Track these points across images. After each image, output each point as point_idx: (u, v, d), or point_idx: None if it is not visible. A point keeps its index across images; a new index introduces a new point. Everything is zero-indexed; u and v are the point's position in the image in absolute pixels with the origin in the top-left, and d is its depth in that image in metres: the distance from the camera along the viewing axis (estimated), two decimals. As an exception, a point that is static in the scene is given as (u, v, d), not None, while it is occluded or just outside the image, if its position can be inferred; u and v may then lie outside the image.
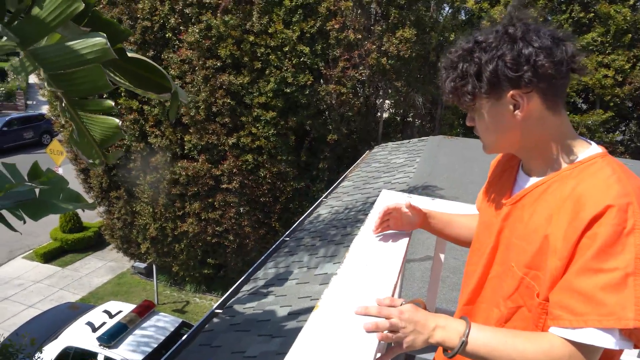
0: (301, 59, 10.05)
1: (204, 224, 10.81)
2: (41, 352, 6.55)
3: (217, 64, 9.81)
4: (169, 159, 10.47)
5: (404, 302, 1.16)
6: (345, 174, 8.50)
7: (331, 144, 11.05)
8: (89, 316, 8.16)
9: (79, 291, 11.92)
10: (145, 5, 9.89)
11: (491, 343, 1.07)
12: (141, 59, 2.23)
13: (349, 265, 1.43)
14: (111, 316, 8.06)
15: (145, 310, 8.08)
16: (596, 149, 1.14)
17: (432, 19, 11.97)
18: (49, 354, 7.33)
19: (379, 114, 13.03)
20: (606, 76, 12.02)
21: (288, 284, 4.53)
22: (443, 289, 3.40)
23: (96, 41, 1.66)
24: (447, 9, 13.11)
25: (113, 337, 7.36)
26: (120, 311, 8.24)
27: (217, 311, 4.55)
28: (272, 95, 10.01)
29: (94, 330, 7.63)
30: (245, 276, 5.15)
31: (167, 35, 10.10)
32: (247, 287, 4.90)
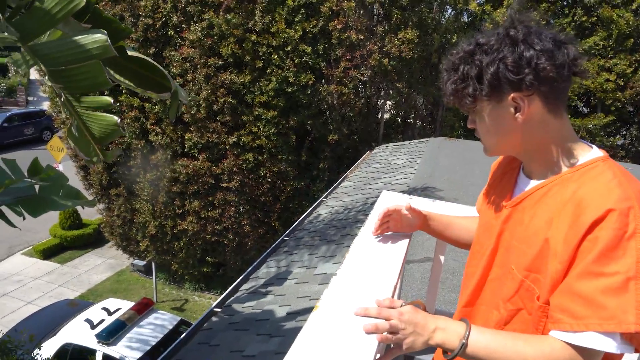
0: (303, 59, 10.05)
1: (203, 222, 10.81)
2: (40, 349, 6.55)
3: (219, 63, 9.81)
4: (169, 157, 10.47)
5: (404, 304, 1.16)
6: (345, 174, 8.49)
7: (332, 144, 11.05)
8: (87, 313, 8.18)
9: (78, 288, 11.92)
10: (147, 2, 9.89)
11: (491, 345, 1.07)
12: (141, 57, 2.23)
13: (348, 266, 1.43)
14: (110, 313, 8.06)
15: (144, 308, 8.08)
16: (597, 152, 1.14)
17: (435, 20, 11.96)
18: (47, 350, 7.33)
19: (380, 115, 13.02)
20: (608, 80, 12.01)
21: (287, 283, 4.53)
22: (442, 291, 3.39)
23: (97, 38, 1.65)
24: (449, 10, 13.10)
25: (112, 334, 7.35)
26: (119, 308, 8.24)
27: (216, 310, 4.55)
28: (273, 95, 10.01)
29: (93, 327, 7.63)
30: (244, 275, 5.14)
31: (169, 33, 10.10)
32: (246, 286, 4.90)
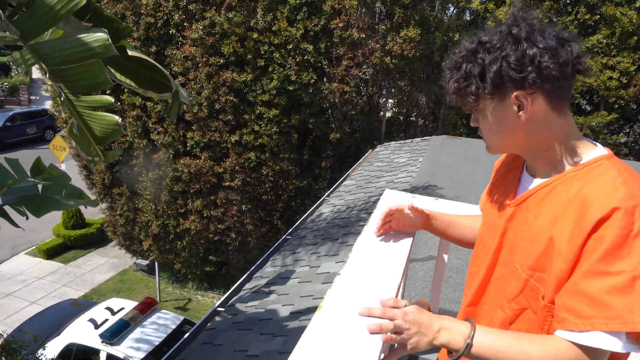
0: (305, 57, 10.05)
1: (206, 221, 10.82)
2: (44, 349, 6.55)
3: (221, 61, 9.81)
4: (172, 156, 10.47)
5: (408, 304, 1.16)
6: (347, 173, 8.48)
7: (334, 142, 11.05)
8: (91, 313, 8.19)
9: (82, 288, 11.95)
10: (149, 1, 9.89)
11: (496, 345, 1.06)
12: (142, 57, 2.22)
13: (352, 265, 1.42)
14: (113, 313, 8.08)
15: (148, 308, 8.09)
16: (602, 150, 1.13)
17: (437, 18, 11.95)
18: (51, 350, 7.34)
19: (382, 113, 13.01)
20: (611, 78, 11.98)
21: (290, 282, 4.52)
22: (446, 289, 3.38)
23: (97, 37, 1.65)
24: (452, 9, 13.07)
25: (115, 334, 7.37)
26: (122, 308, 8.26)
27: (219, 309, 4.55)
28: (275, 93, 10.01)
29: (97, 327, 7.66)
30: (247, 274, 5.14)
31: (171, 32, 10.10)
32: (249, 286, 4.89)
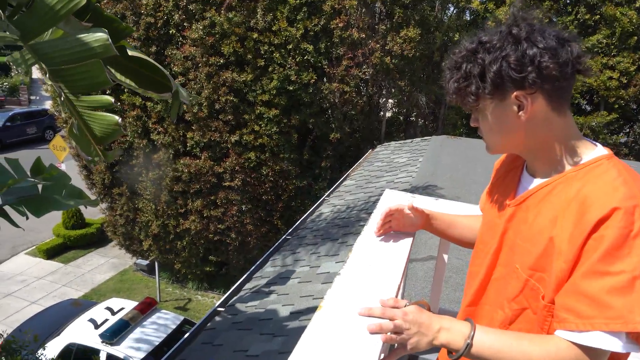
0: (305, 57, 10.05)
1: (206, 221, 10.82)
2: (44, 349, 6.55)
3: (221, 61, 9.81)
4: (172, 156, 10.47)
5: (408, 304, 1.16)
6: (347, 173, 8.48)
7: (334, 142, 11.05)
8: (91, 313, 8.19)
9: (82, 288, 11.95)
10: (149, 1, 9.89)
11: (496, 345, 1.06)
12: (142, 57, 2.22)
13: (352, 265, 1.42)
14: (113, 313, 8.08)
15: (148, 308, 8.09)
16: (602, 150, 1.13)
17: (437, 18, 11.95)
18: (51, 350, 7.34)
19: (382, 113, 13.01)
20: (611, 78, 11.99)
21: (290, 282, 4.52)
22: (446, 289, 3.38)
23: (97, 37, 1.65)
24: (452, 9, 13.07)
25: (115, 334, 7.37)
26: (122, 308, 8.26)
27: (219, 309, 4.55)
28: (275, 93, 10.01)
29: (97, 327, 7.66)
30: (247, 274, 5.14)
31: (171, 32, 10.10)
32: (249, 286, 4.89)
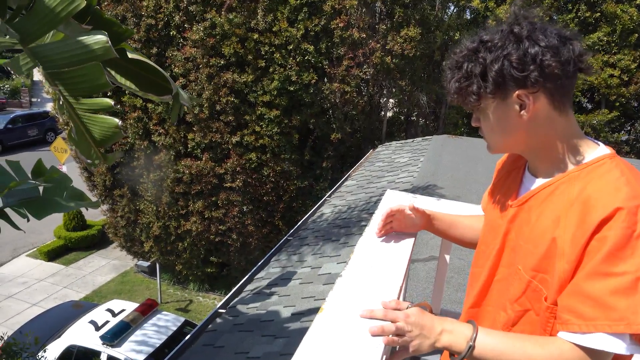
0: (305, 57, 10.04)
1: (207, 222, 10.81)
2: (45, 351, 6.55)
3: (221, 62, 9.80)
4: (173, 157, 10.47)
5: (410, 305, 1.15)
6: (348, 173, 8.47)
7: (335, 142, 11.04)
8: (92, 315, 8.19)
9: (83, 289, 11.96)
10: (149, 2, 9.89)
11: (499, 347, 1.05)
12: (142, 59, 2.21)
13: (353, 266, 1.42)
14: (114, 315, 8.07)
15: (149, 309, 8.09)
16: (604, 149, 1.12)
17: (437, 18, 11.92)
18: (52, 352, 7.34)
19: (383, 113, 13.00)
20: (612, 76, 11.96)
21: (291, 283, 4.51)
22: (448, 290, 3.37)
23: (97, 39, 1.64)
24: (452, 8, 13.06)
25: (116, 335, 7.37)
26: (123, 310, 8.25)
27: (220, 311, 4.54)
28: (276, 94, 10.00)
29: (97, 328, 7.65)
30: (248, 276, 5.13)
31: (172, 33, 10.10)
32: (251, 287, 4.88)
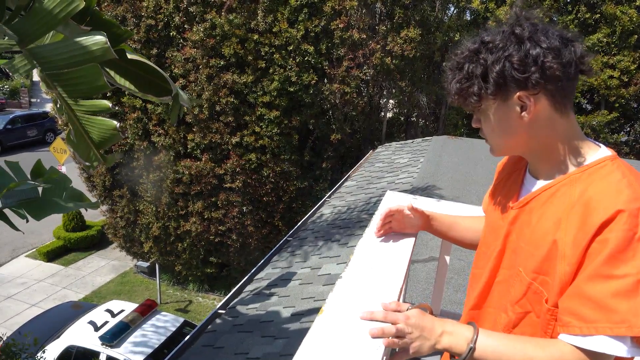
0: (305, 58, 10.04)
1: (206, 223, 10.81)
2: (44, 352, 6.54)
3: (221, 63, 9.81)
4: (172, 157, 10.46)
5: (410, 307, 1.15)
6: (348, 174, 8.46)
7: (335, 143, 11.04)
8: (91, 315, 8.17)
9: (82, 290, 11.94)
10: (149, 3, 9.89)
11: (499, 349, 1.05)
12: (142, 60, 2.20)
13: (353, 268, 1.41)
14: (114, 315, 8.06)
15: (148, 310, 8.07)
16: (605, 151, 1.11)
17: (437, 19, 11.93)
18: (51, 353, 7.33)
19: (383, 114, 13.01)
20: (612, 77, 11.98)
21: (291, 284, 4.51)
22: (448, 291, 3.37)
23: (96, 40, 1.63)
24: (452, 9, 13.07)
25: (115, 336, 7.35)
26: (122, 310, 8.23)
27: (220, 312, 4.54)
28: (275, 94, 10.00)
29: (97, 329, 7.63)
30: (248, 276, 5.12)
31: (172, 34, 10.10)
32: (250, 288, 4.88)
